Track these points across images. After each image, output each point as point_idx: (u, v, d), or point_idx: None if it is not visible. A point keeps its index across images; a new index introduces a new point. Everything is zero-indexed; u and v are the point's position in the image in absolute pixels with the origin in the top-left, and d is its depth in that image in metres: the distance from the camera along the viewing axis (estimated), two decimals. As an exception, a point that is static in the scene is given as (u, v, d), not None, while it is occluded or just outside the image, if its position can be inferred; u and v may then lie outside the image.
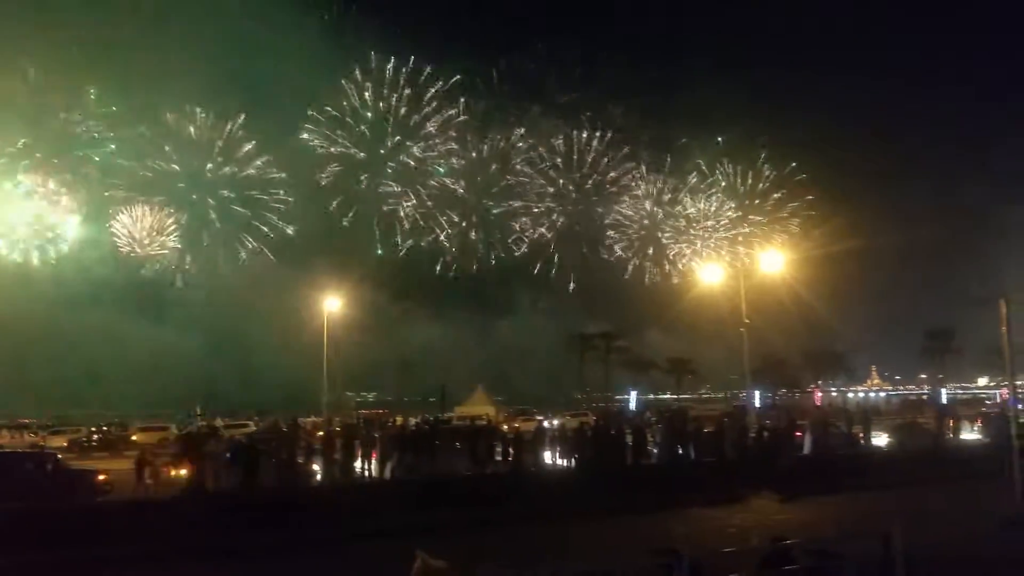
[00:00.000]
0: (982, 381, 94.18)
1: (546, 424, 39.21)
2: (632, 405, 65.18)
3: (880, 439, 34.53)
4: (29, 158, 71.50)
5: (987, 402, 67.02)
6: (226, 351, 69.20)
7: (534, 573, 10.30)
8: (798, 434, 31.42)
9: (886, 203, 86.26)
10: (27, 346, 61.66)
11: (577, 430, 29.68)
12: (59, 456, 26.40)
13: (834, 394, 79.73)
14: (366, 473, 26.04)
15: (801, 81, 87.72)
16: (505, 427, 38.61)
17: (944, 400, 64.60)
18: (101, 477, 23.00)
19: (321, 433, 32.32)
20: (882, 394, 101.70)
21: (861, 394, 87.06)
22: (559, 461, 28.37)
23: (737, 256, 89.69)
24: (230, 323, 70.47)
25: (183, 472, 23.94)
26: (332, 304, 56.69)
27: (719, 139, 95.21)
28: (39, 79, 71.06)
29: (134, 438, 46.31)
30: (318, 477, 25.28)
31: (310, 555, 17.42)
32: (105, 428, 51.87)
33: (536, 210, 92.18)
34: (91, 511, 19.44)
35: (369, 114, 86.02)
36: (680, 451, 28.52)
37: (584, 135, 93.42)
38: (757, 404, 47.29)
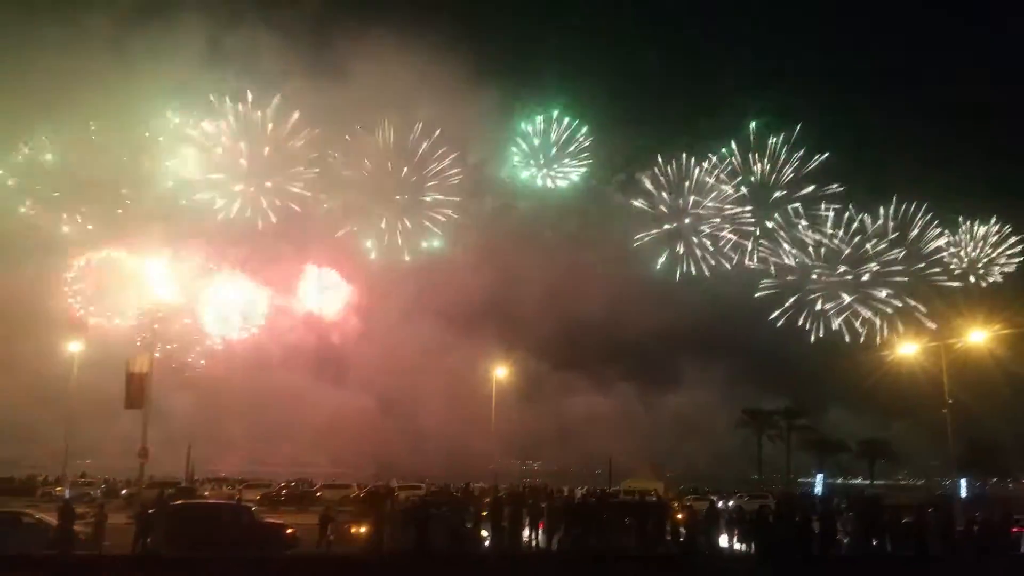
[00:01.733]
0: None
1: (720, 504, 37.17)
2: (818, 489, 60.53)
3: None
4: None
5: None
6: (397, 413, 72.05)
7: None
8: (1015, 531, 27.83)
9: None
10: (228, 407, 67.46)
11: (757, 513, 27.91)
12: (253, 509, 28.27)
13: (1058, 486, 70.01)
14: (533, 543, 25.84)
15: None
16: (675, 504, 37.06)
17: None
18: (289, 531, 24.27)
19: (488, 500, 32.53)
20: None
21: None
22: (736, 546, 26.74)
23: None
24: (401, 386, 73.62)
25: (362, 529, 24.85)
26: (499, 372, 57.95)
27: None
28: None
29: (319, 495, 48.99)
30: (486, 543, 25.37)
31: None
32: (293, 484, 55.25)
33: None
34: (280, 564, 20.53)
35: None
36: (874, 543, 26.03)
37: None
38: (964, 494, 42.31)
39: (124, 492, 45.58)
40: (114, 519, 24.37)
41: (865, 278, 78.51)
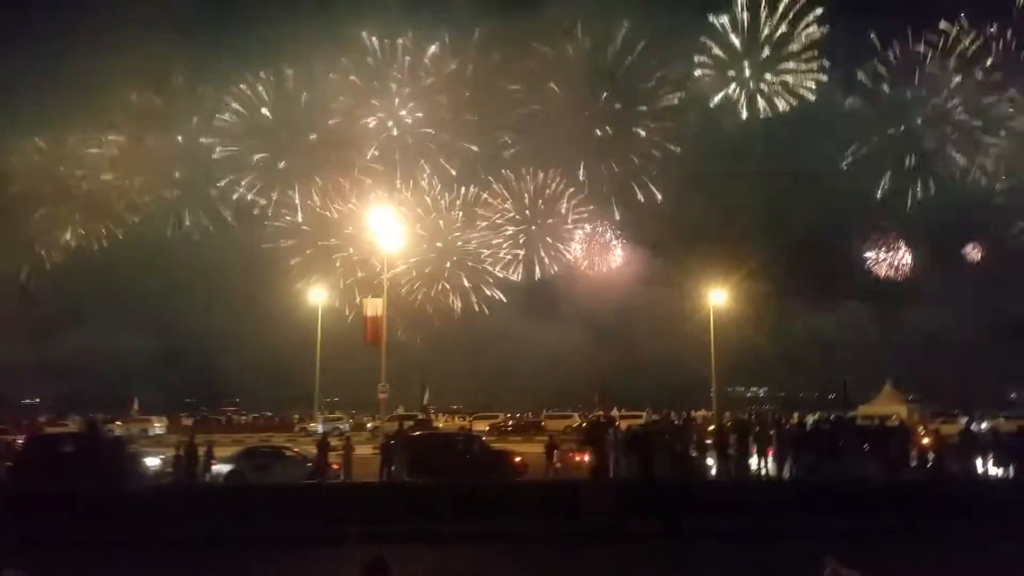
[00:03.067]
0: None
1: (974, 427, 33.68)
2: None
3: None
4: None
5: None
6: (614, 346, 72.12)
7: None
8: None
9: None
10: (458, 343, 71.23)
11: (1017, 435, 24.97)
12: (483, 438, 29.96)
13: None
14: (762, 471, 25.05)
15: None
16: (921, 429, 34.17)
17: None
18: (518, 459, 25.45)
19: (712, 428, 31.94)
20: None
21: None
22: (993, 470, 24.17)
23: None
24: (616, 318, 73.57)
25: (586, 457, 25.43)
26: (717, 297, 56.06)
27: None
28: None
29: (543, 424, 51.08)
30: (712, 472, 24.96)
31: (705, 545, 17.17)
32: (519, 415, 58.02)
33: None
34: (511, 488, 21.56)
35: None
36: None
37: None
38: None
39: (369, 425, 50.26)
40: (362, 450, 26.87)
41: None
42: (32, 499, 19.11)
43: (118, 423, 50.78)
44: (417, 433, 30.44)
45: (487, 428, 50.87)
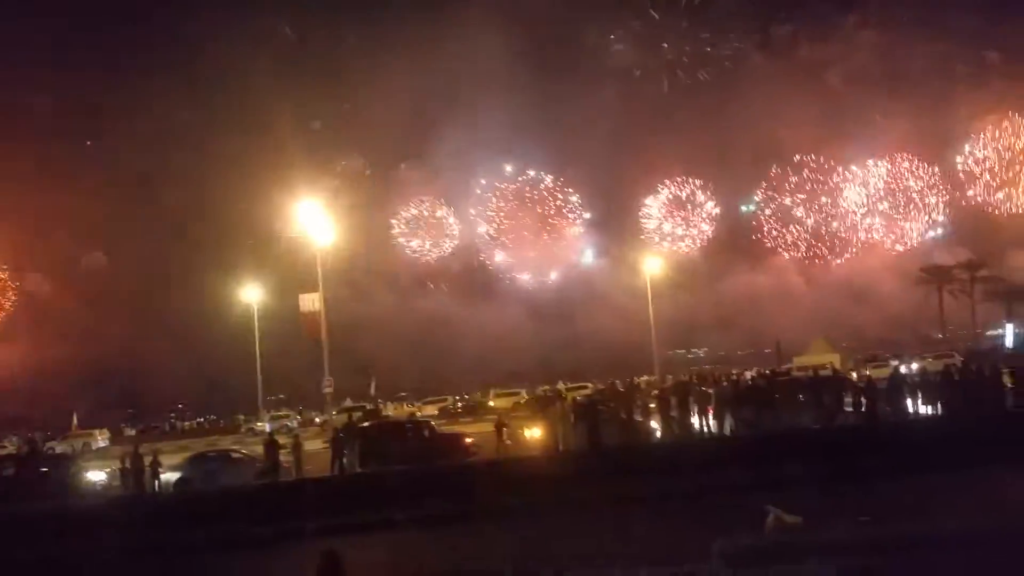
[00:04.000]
0: None
1: (903, 369, 35.34)
2: (1008, 341, 56.21)
3: None
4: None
5: None
6: (553, 319, 73.00)
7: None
8: None
9: None
10: (400, 329, 71.02)
11: (942, 373, 26.36)
12: (432, 423, 30.12)
13: None
14: (704, 429, 25.82)
15: None
16: (854, 375, 35.68)
17: None
18: (468, 440, 25.71)
19: (656, 392, 32.71)
20: None
21: None
22: (922, 409, 25.48)
23: None
24: (552, 291, 74.71)
25: (535, 432, 25.86)
26: (652, 264, 57.39)
27: None
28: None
29: (491, 403, 51.48)
30: (657, 434, 25.63)
31: (654, 507, 17.69)
32: (467, 396, 58.27)
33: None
34: (463, 471, 21.81)
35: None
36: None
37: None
38: None
39: (318, 420, 49.87)
40: (312, 445, 26.72)
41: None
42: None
43: (58, 440, 49.13)
44: (366, 424, 30.40)
45: (437, 412, 50.99)
